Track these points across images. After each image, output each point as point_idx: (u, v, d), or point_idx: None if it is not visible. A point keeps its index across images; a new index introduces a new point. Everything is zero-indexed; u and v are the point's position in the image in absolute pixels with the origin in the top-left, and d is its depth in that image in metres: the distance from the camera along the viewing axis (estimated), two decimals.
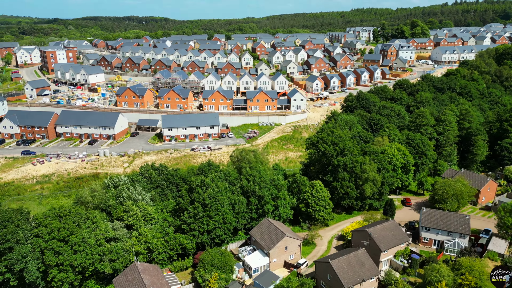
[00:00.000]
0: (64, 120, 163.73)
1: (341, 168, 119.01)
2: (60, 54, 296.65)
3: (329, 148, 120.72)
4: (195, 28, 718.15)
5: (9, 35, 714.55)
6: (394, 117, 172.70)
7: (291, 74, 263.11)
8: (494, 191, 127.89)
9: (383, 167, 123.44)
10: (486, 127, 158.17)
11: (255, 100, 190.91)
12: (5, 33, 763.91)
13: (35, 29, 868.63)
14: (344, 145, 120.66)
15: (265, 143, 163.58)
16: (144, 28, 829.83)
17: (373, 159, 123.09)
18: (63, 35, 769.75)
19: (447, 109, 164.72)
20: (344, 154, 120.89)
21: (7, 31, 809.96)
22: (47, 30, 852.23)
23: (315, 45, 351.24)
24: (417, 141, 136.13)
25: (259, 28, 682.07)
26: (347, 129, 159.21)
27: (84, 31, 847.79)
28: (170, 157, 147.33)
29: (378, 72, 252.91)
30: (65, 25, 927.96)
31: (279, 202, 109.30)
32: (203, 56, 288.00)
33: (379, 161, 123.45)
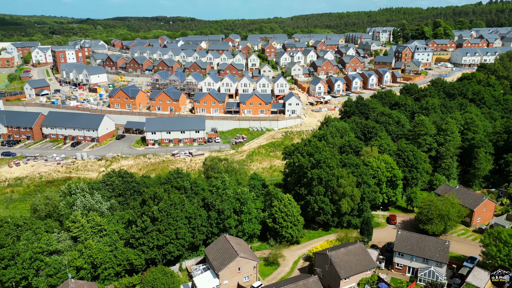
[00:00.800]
0: (50, 121, 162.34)
1: (315, 181, 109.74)
2: (69, 54, 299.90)
3: (303, 159, 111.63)
4: (218, 28, 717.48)
5: (39, 35, 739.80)
6: (393, 125, 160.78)
7: (296, 77, 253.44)
8: (492, 212, 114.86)
9: (364, 181, 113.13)
10: (493, 138, 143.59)
11: (248, 103, 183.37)
12: (37, 33, 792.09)
13: (65, 29, 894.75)
14: (320, 157, 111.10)
15: (252, 149, 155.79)
16: (168, 28, 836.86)
17: (353, 172, 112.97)
18: (90, 34, 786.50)
19: (449, 117, 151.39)
20: (319, 166, 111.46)
21: (39, 31, 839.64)
22: (76, 30, 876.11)
23: (328, 46, 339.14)
24: (408, 153, 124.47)
25: (281, 28, 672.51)
26: (339, 137, 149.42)
27: (111, 31, 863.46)
28: (148, 163, 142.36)
29: (387, 75, 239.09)
30: (94, 25, 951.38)
31: (243, 216, 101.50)
32: (209, 57, 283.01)
33: (359, 174, 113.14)
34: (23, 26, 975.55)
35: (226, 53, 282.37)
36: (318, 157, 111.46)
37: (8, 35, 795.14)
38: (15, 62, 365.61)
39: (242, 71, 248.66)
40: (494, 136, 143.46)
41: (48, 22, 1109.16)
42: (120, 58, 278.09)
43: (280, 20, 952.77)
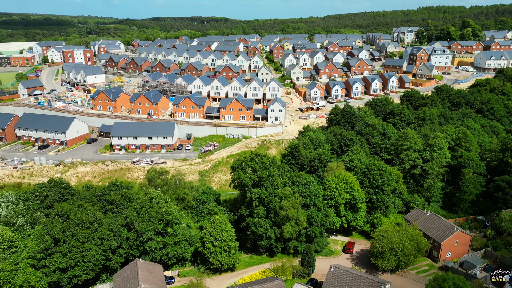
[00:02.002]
0: (23, 123, 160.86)
1: (256, 201, 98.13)
2: (77, 54, 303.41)
3: (243, 175, 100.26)
4: (248, 28, 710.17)
5: (76, 35, 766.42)
6: (377, 137, 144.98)
7: (296, 80, 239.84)
8: (466, 245, 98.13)
9: (313, 202, 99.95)
10: (488, 156, 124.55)
11: (228, 108, 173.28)
12: (74, 33, 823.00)
13: (101, 29, 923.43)
14: (263, 174, 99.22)
15: (220, 159, 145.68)
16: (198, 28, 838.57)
17: (300, 192, 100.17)
18: (122, 34, 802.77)
19: (439, 130, 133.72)
20: (262, 185, 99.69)
21: (77, 31, 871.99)
22: (111, 30, 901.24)
23: (342, 48, 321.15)
24: (374, 172, 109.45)
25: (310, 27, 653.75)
26: (312, 148, 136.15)
27: (143, 31, 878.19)
28: (105, 170, 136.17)
29: (393, 80, 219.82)
30: (130, 26, 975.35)
31: (167, 239, 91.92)
32: (211, 58, 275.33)
33: (308, 195, 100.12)
34: (65, 26, 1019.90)
35: (229, 55, 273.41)
36: (261, 174, 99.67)
37: (48, 34, 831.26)
38: (35, 62, 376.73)
39: (238, 73, 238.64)
40: (489, 154, 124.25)
41: (91, 22, 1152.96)
42: (121, 58, 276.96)
43: (311, 20, 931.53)
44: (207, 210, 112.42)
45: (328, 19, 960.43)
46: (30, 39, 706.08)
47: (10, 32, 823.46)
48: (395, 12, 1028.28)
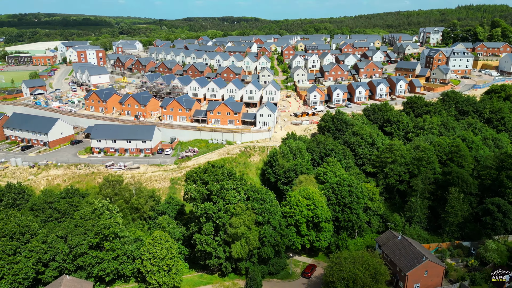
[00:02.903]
0: (12, 123, 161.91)
1: (203, 217, 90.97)
2: (90, 54, 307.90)
3: (192, 188, 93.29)
4: (275, 28, 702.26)
5: (107, 35, 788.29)
6: (365, 148, 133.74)
7: (299, 83, 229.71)
8: (439, 277, 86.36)
9: (266, 220, 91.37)
10: (483, 174, 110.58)
11: (215, 112, 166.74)
12: (106, 33, 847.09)
13: (132, 29, 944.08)
14: (213, 187, 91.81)
15: (197, 165, 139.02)
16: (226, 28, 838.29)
17: (255, 209, 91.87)
18: (150, 34, 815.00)
19: (426, 143, 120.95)
20: (210, 199, 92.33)
21: (110, 31, 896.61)
22: (142, 30, 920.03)
23: (357, 49, 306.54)
24: (342, 188, 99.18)
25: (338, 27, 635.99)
26: (291, 158, 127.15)
27: (171, 31, 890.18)
28: (76, 174, 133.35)
29: (401, 84, 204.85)
30: (160, 26, 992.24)
31: (103, 254, 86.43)
32: (218, 59, 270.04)
33: (262, 212, 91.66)
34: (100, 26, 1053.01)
35: (235, 56, 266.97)
36: (211, 187, 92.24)
37: (82, 34, 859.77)
38: (57, 61, 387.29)
39: (240, 75, 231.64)
40: (484, 171, 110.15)
41: (127, 23, 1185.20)
42: (128, 59, 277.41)
43: (340, 20, 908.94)
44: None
45: (359, 18, 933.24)
46: (64, 39, 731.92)
47: (48, 32, 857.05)
48: (430, 11, 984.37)
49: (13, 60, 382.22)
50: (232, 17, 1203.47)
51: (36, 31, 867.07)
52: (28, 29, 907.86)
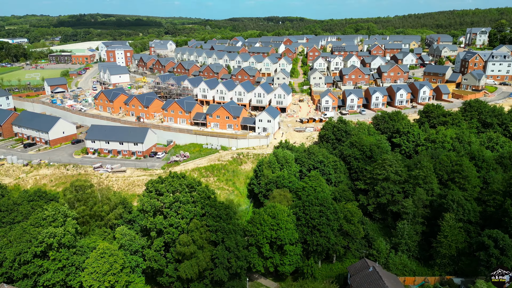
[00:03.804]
0: (20, 121, 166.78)
1: (154, 231, 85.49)
2: (118, 54, 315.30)
3: (145, 200, 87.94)
4: (315, 28, 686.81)
5: (152, 35, 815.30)
6: (362, 161, 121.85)
7: (315, 86, 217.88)
8: None
9: (220, 239, 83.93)
10: (488, 199, 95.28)
11: (214, 116, 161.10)
12: (152, 33, 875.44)
13: (178, 29, 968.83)
14: (165, 199, 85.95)
15: (184, 171, 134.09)
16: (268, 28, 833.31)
17: (210, 226, 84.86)
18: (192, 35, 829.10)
19: (426, 159, 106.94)
20: (162, 212, 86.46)
21: (156, 31, 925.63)
22: (186, 30, 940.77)
23: (388, 51, 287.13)
24: (313, 207, 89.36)
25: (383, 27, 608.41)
26: (278, 168, 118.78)
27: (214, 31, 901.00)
28: (64, 174, 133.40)
29: (425, 91, 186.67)
30: (205, 26, 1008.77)
31: (48, 263, 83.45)
32: (238, 60, 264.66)
33: (216, 230, 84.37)
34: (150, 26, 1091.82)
35: (255, 57, 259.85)
36: (164, 200, 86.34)
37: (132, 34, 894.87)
38: (95, 60, 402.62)
39: (254, 77, 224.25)
40: (489, 196, 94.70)
41: (176, 23, 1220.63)
42: (150, 59, 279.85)
43: (386, 20, 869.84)
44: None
45: (407, 18, 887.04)
46: (112, 39, 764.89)
47: (99, 32, 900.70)
48: (488, 10, 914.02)
49: (54, 58, 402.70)
50: (277, 17, 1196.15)
51: (89, 31, 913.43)
52: (82, 29, 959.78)
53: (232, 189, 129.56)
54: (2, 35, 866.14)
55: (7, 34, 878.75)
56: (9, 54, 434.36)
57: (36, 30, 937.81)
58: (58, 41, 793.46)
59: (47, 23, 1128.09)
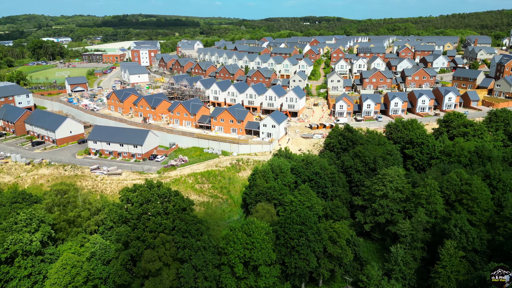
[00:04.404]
0: (32, 119, 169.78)
1: (120, 244, 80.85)
2: (143, 53, 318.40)
3: (115, 209, 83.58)
4: (351, 29, 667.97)
5: (187, 35, 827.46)
6: (364, 173, 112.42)
7: (332, 90, 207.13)
8: None
9: (188, 257, 78.14)
10: (500, 225, 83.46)
11: (219, 119, 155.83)
12: (187, 33, 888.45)
13: (212, 29, 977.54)
14: (135, 212, 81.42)
15: (179, 176, 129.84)
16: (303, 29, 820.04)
17: (177, 242, 79.32)
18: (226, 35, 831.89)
19: (431, 177, 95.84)
20: (130, 224, 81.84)
21: (192, 31, 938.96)
22: (221, 30, 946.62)
23: (419, 52, 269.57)
24: (294, 227, 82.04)
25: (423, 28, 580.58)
26: (272, 178, 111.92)
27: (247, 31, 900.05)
28: (61, 175, 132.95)
29: (450, 97, 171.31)
30: (240, 26, 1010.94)
31: (13, 271, 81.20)
32: (257, 61, 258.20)
33: (183, 246, 78.71)
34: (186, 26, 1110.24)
35: (275, 58, 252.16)
36: (133, 211, 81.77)
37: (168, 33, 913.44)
38: (125, 59, 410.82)
39: (270, 79, 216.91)
40: (500, 223, 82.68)
41: (214, 23, 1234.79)
42: (170, 59, 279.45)
43: (427, 19, 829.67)
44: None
45: (451, 18, 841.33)
46: (148, 38, 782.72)
47: (138, 32, 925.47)
48: None
49: (87, 57, 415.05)
50: (314, 16, 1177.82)
51: (128, 31, 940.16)
52: (122, 29, 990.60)
53: (226, 197, 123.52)
54: (49, 34, 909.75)
55: (53, 33, 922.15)
56: (47, 53, 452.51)
57: (80, 30, 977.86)
58: (99, 40, 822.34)
59: (91, 23, 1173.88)
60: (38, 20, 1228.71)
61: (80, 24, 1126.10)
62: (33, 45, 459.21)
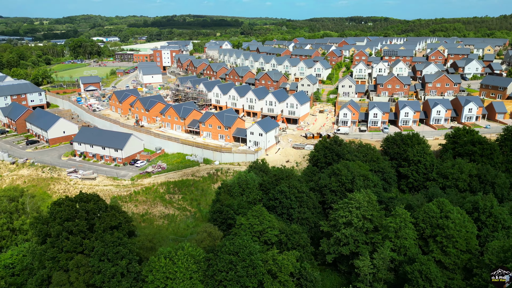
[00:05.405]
0: (31, 118, 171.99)
1: (37, 261, 75.12)
2: (165, 54, 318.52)
3: (34, 221, 78.11)
4: (396, 29, 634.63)
5: (227, 35, 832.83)
6: (340, 194, 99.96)
7: (343, 95, 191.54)
8: None
9: (100, 282, 70.57)
10: (477, 273, 68.30)
11: (207, 124, 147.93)
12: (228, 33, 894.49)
13: (253, 30, 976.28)
14: (55, 230, 75.32)
15: (151, 185, 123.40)
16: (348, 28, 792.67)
17: (93, 267, 72.04)
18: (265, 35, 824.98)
19: (403, 206, 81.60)
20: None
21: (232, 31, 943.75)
22: (261, 30, 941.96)
23: (452, 56, 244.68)
24: (224, 257, 72.06)
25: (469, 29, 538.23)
26: (238, 194, 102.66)
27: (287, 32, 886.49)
28: (37, 177, 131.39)
29: (471, 108, 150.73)
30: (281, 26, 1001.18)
31: None
32: (273, 63, 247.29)
33: (99, 271, 71.24)
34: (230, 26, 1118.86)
35: (290, 60, 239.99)
36: (54, 228, 75.66)
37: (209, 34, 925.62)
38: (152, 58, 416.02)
39: (278, 82, 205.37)
40: (478, 270, 67.42)
41: (259, 23, 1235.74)
42: (186, 59, 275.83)
43: (482, 20, 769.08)
44: None
45: (508, 18, 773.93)
46: (188, 38, 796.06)
47: (180, 32, 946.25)
48: None
49: (119, 57, 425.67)
50: (361, 16, 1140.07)
51: (172, 31, 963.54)
52: (166, 29, 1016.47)
53: (195, 210, 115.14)
54: (99, 33, 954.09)
55: (103, 33, 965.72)
56: (86, 52, 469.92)
57: (128, 30, 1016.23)
58: (143, 40, 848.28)
59: (142, 23, 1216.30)
60: (94, 20, 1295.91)
61: (131, 24, 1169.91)
62: (73, 44, 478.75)
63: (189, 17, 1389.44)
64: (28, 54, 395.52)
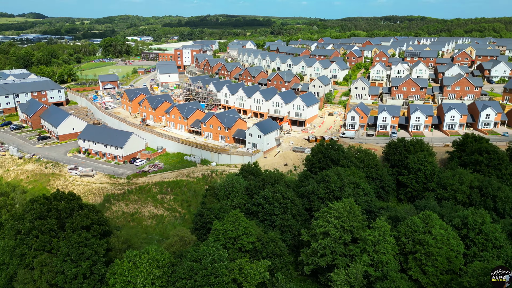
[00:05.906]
0: (45, 114, 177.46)
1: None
2: (185, 53, 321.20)
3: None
4: (431, 29, 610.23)
5: (256, 34, 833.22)
6: (328, 201, 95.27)
7: (355, 97, 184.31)
8: None
9: (60, 283, 70.55)
10: (476, 284, 62.90)
11: (208, 125, 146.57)
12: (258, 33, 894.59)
13: (284, 29, 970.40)
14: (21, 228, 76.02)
15: (146, 184, 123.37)
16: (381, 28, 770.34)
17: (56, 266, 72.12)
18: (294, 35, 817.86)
19: (384, 218, 76.67)
20: None
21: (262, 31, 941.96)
22: (291, 30, 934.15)
23: (480, 57, 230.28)
24: (186, 264, 70.31)
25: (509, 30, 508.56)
26: (224, 197, 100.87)
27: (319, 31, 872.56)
28: (39, 172, 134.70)
29: (489, 114, 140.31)
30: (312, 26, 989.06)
31: None
32: (289, 64, 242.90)
33: (62, 271, 71.18)
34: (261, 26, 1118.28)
35: (306, 60, 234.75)
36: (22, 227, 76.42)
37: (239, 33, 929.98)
38: None
39: (289, 83, 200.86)
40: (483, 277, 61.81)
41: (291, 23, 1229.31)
42: (204, 59, 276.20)
43: None
44: None
45: None
46: (218, 38, 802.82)
47: (211, 32, 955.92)
48: None
49: (145, 56, 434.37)
50: (397, 16, 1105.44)
51: (202, 30, 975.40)
52: (197, 28, 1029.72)
53: (184, 212, 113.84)
54: (134, 33, 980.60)
55: (138, 33, 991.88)
56: (115, 51, 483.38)
57: (161, 29, 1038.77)
58: (175, 39, 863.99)
59: (176, 23, 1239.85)
60: (131, 20, 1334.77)
61: (166, 24, 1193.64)
62: (104, 43, 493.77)
63: (222, 17, 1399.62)
64: (60, 52, 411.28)
